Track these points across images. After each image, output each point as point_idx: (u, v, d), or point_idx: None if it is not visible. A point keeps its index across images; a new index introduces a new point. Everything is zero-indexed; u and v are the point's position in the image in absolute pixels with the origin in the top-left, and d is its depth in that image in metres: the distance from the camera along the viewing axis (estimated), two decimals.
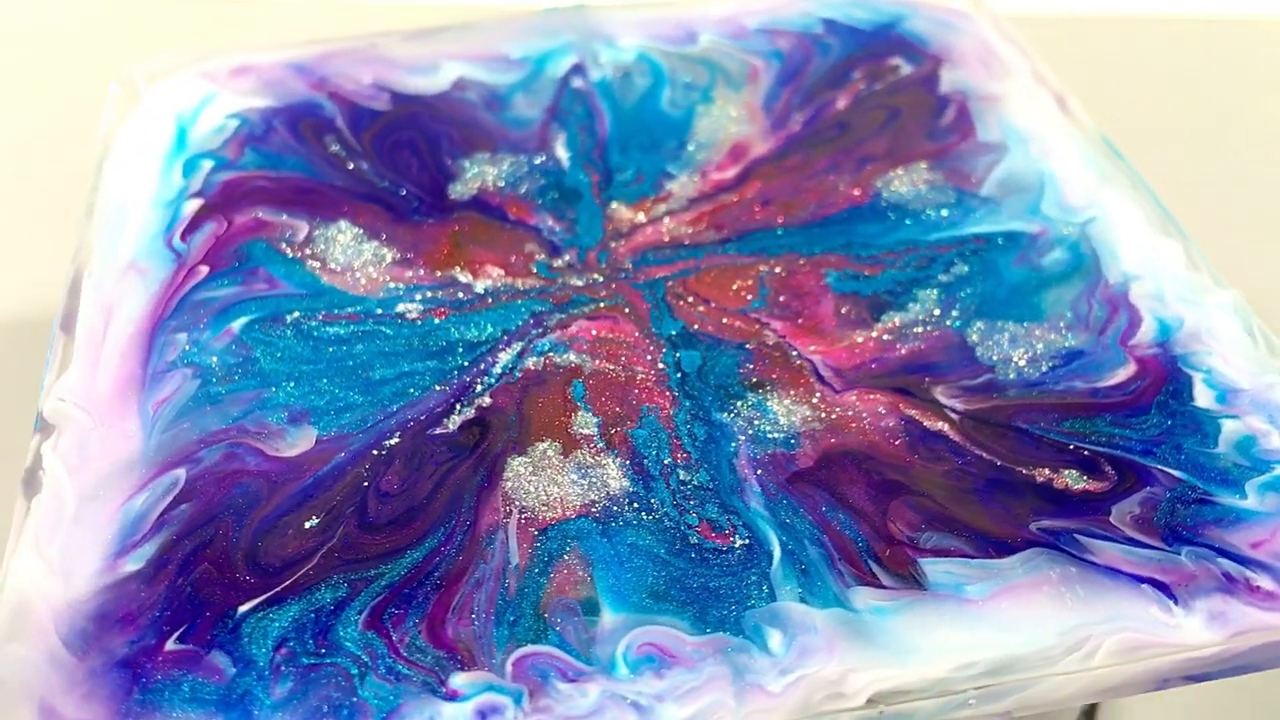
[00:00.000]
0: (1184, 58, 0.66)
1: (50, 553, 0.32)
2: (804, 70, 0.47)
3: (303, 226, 0.41)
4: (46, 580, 0.31)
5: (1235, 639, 0.29)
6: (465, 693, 0.28)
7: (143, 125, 0.45)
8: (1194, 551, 0.31)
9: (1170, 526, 0.31)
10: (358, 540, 0.32)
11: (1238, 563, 0.30)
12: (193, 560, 0.31)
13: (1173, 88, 0.64)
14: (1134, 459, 0.33)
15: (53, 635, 0.29)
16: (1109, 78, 0.65)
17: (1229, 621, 0.29)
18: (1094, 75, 0.64)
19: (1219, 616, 0.29)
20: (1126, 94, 0.63)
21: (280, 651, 0.29)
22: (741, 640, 0.29)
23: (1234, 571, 0.30)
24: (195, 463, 0.33)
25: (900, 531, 0.31)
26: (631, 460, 0.33)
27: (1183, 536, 0.31)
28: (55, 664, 0.29)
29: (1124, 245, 0.39)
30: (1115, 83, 0.64)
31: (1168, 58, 0.67)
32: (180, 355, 0.36)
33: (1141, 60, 0.66)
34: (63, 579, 0.31)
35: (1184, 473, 0.32)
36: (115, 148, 0.44)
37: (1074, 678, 0.28)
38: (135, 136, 0.44)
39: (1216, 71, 0.65)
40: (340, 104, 0.46)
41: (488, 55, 0.48)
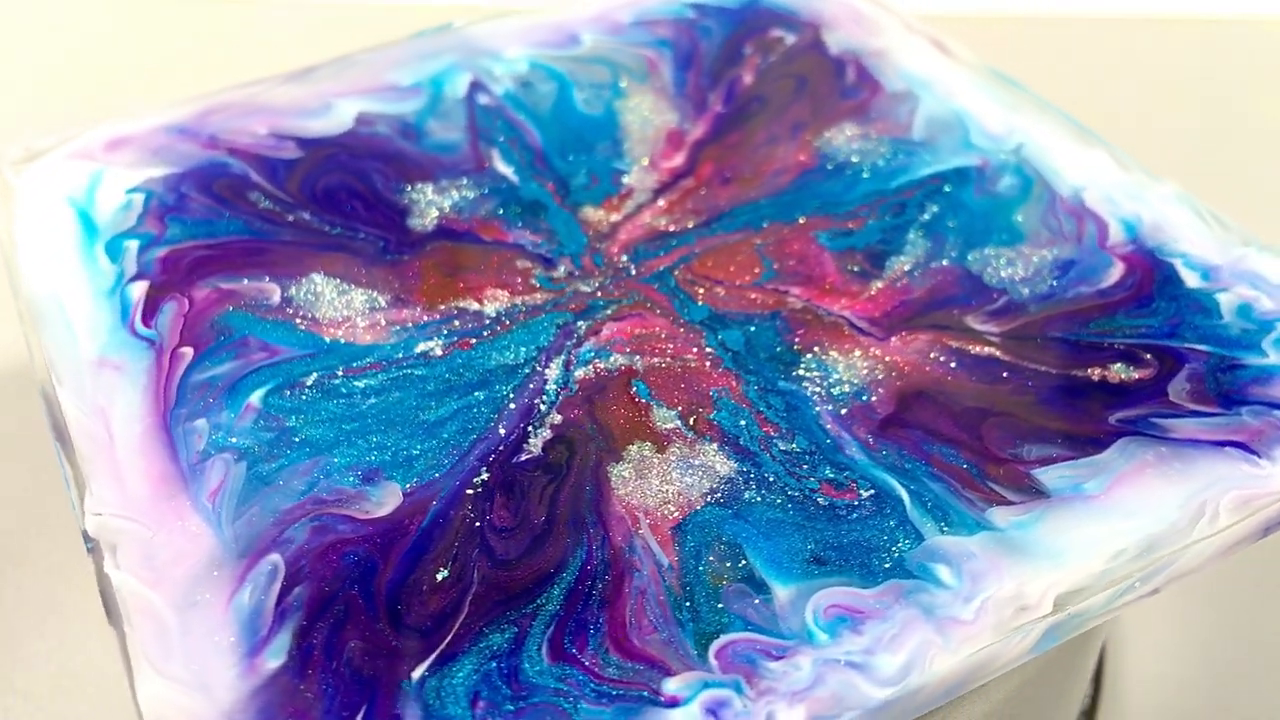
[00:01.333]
0: (1185, 58, 0.67)
1: (175, 671, 0.29)
2: (697, 54, 0.48)
3: (272, 288, 0.39)
4: (186, 699, 0.29)
5: None
6: (685, 695, 0.28)
7: (33, 216, 0.41)
8: (1250, 410, 0.34)
9: (1221, 394, 0.34)
10: (499, 579, 0.31)
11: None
12: (337, 640, 0.30)
13: (1173, 88, 0.65)
14: (1162, 343, 0.36)
15: None
16: (1108, 78, 0.66)
17: None
18: (1093, 76, 0.65)
19: None
20: (1126, 94, 0.64)
21: (479, 706, 0.28)
22: (914, 582, 0.30)
23: None
24: (285, 544, 0.32)
25: (1001, 451, 0.33)
26: (726, 442, 0.34)
27: (1234, 400, 0.34)
28: None
29: (1058, 161, 0.42)
30: (1114, 83, 0.65)
31: (1168, 58, 0.67)
32: (210, 442, 0.34)
33: (1140, 60, 0.67)
34: (203, 694, 0.29)
35: (1209, 346, 0.36)
36: (17, 243, 0.40)
37: (1209, 542, 0.31)
38: (31, 229, 0.40)
39: (1217, 71, 0.66)
40: (246, 159, 0.44)
41: (376, 87, 0.47)
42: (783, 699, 0.28)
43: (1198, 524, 0.31)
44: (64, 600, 0.49)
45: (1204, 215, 0.40)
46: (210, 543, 0.32)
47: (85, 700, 0.46)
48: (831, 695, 0.28)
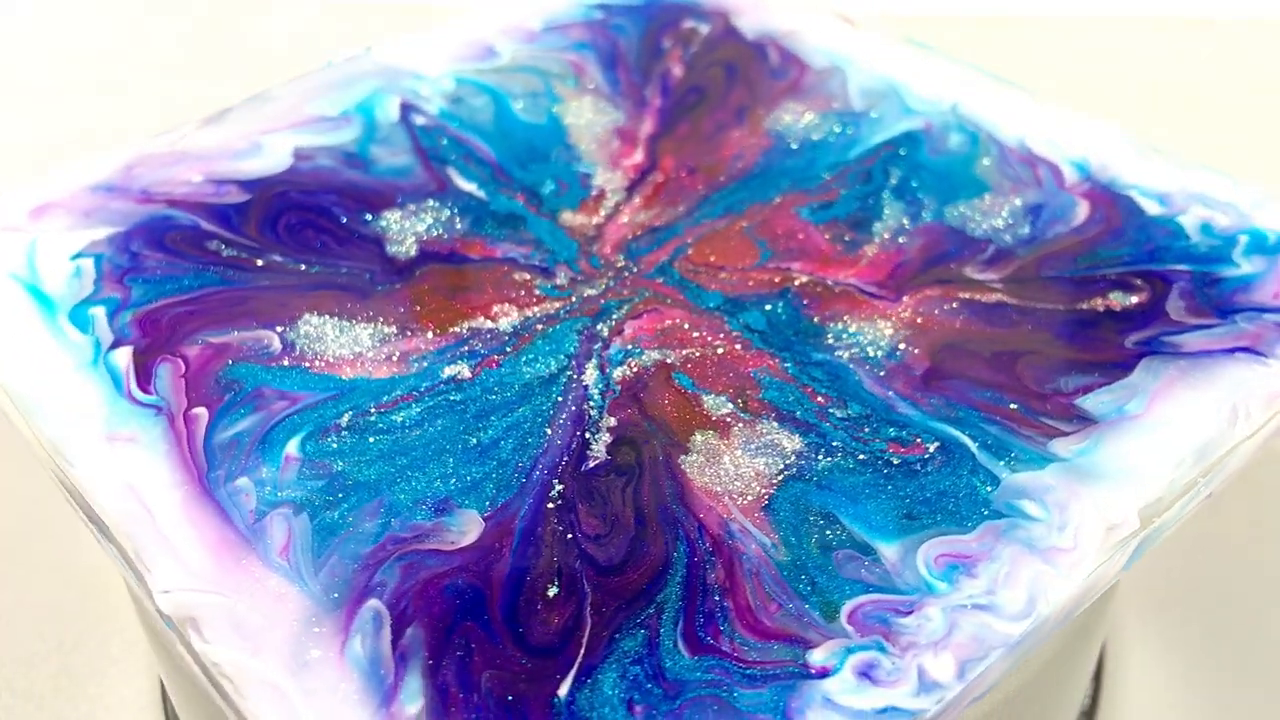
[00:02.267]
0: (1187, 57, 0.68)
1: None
2: (618, 53, 0.49)
3: (268, 336, 0.37)
4: None
5: None
6: (834, 664, 0.29)
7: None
8: (1244, 317, 0.37)
9: (1213, 306, 0.37)
10: (611, 585, 0.31)
11: (1274, 311, 0.37)
12: (468, 674, 0.29)
13: (1174, 88, 0.65)
14: (1146, 268, 0.39)
15: None
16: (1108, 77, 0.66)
17: None
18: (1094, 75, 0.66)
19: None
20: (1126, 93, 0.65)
21: (637, 711, 0.28)
22: (1007, 520, 0.32)
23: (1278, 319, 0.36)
24: (379, 588, 0.31)
25: (1040, 387, 0.35)
26: (784, 419, 0.34)
27: (1226, 310, 0.37)
28: None
29: (992, 112, 0.45)
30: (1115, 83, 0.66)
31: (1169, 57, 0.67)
32: (261, 499, 0.33)
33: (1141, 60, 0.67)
34: None
35: (1187, 265, 0.39)
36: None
37: (1252, 440, 0.34)
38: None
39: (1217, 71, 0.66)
40: (190, 209, 0.42)
41: (302, 121, 0.46)
42: (927, 650, 0.29)
43: (1236, 425, 0.33)
44: (64, 600, 0.48)
45: (1141, 148, 0.42)
46: (299, 600, 0.30)
47: (85, 700, 0.46)
48: (971, 639, 0.29)
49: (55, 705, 0.47)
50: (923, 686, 0.28)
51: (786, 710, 0.28)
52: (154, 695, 0.50)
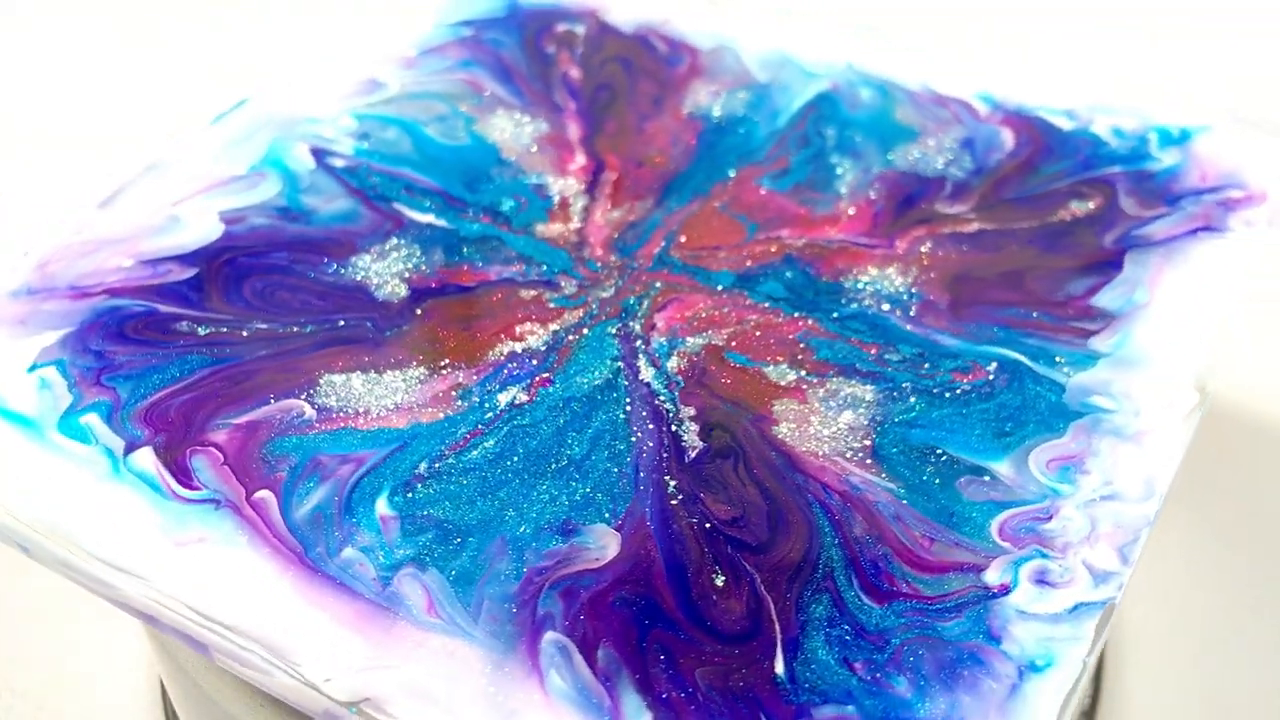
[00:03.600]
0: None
1: None
2: (508, 64, 0.49)
3: (295, 405, 0.36)
4: None
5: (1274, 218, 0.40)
6: (1009, 579, 0.31)
7: None
8: (1187, 201, 0.41)
9: (1159, 197, 0.41)
10: (769, 561, 0.31)
11: (1213, 191, 0.41)
12: (681, 677, 0.29)
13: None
14: (1087, 176, 0.42)
15: None
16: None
17: (1258, 219, 0.40)
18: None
19: (1252, 222, 0.40)
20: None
21: (857, 667, 0.29)
22: (1089, 417, 0.34)
23: (1217, 198, 0.41)
24: (549, 621, 0.30)
25: (1053, 296, 0.38)
26: (848, 372, 0.36)
27: (1170, 198, 0.41)
28: None
29: (883, 65, 0.48)
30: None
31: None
32: (379, 566, 0.32)
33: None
34: None
35: (1119, 166, 0.43)
36: None
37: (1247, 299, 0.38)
38: None
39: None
40: (137, 295, 0.39)
41: (215, 184, 0.44)
42: (1083, 546, 0.31)
43: (1235, 285, 0.37)
44: (64, 600, 0.48)
45: (1028, 72, 0.46)
46: (472, 651, 0.29)
47: (85, 700, 0.46)
48: (1116, 527, 0.31)
49: (55, 705, 0.46)
50: (1096, 578, 0.30)
51: (990, 632, 0.29)
52: (154, 695, 0.49)
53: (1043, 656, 0.28)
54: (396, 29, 0.51)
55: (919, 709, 0.28)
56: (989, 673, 0.28)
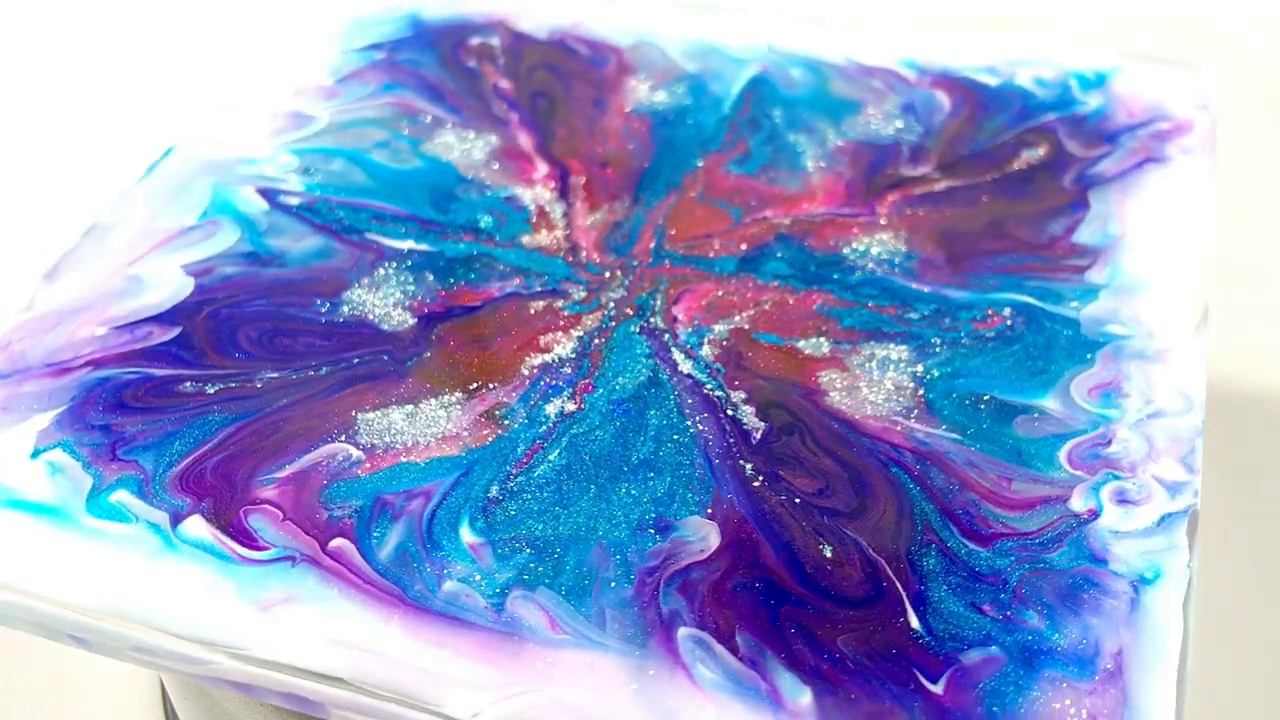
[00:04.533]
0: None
1: None
2: (433, 82, 0.48)
3: (339, 449, 0.35)
4: None
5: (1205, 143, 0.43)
6: (1094, 504, 0.33)
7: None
8: (1125, 138, 0.44)
9: (1096, 137, 0.44)
10: (868, 524, 0.32)
11: (1143, 125, 0.44)
12: (825, 648, 0.30)
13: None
14: (1030, 125, 0.45)
15: None
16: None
17: (1193, 145, 0.43)
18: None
19: (1188, 149, 0.43)
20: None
21: (987, 609, 0.30)
22: (1109, 345, 0.37)
23: (1149, 131, 0.44)
24: (677, 617, 0.31)
25: (1037, 239, 0.40)
26: (876, 336, 0.37)
27: (1107, 137, 0.44)
28: None
29: (803, 43, 0.50)
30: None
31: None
32: (485, 593, 0.31)
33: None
34: None
35: (1053, 114, 0.46)
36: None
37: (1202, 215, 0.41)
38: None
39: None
40: (123, 362, 0.37)
41: (167, 238, 0.42)
42: (1148, 462, 0.33)
43: (1193, 207, 0.40)
44: None
45: (943, 35, 0.49)
46: (612, 660, 0.29)
47: (85, 700, 0.45)
48: (1171, 441, 0.33)
49: (55, 705, 0.46)
50: (1170, 490, 0.32)
51: (1094, 555, 0.31)
52: (154, 695, 0.48)
53: (1149, 569, 0.30)
54: (301, 59, 0.49)
55: (1055, 638, 0.29)
56: (1106, 592, 0.30)
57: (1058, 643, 0.29)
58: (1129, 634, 0.29)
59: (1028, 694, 0.28)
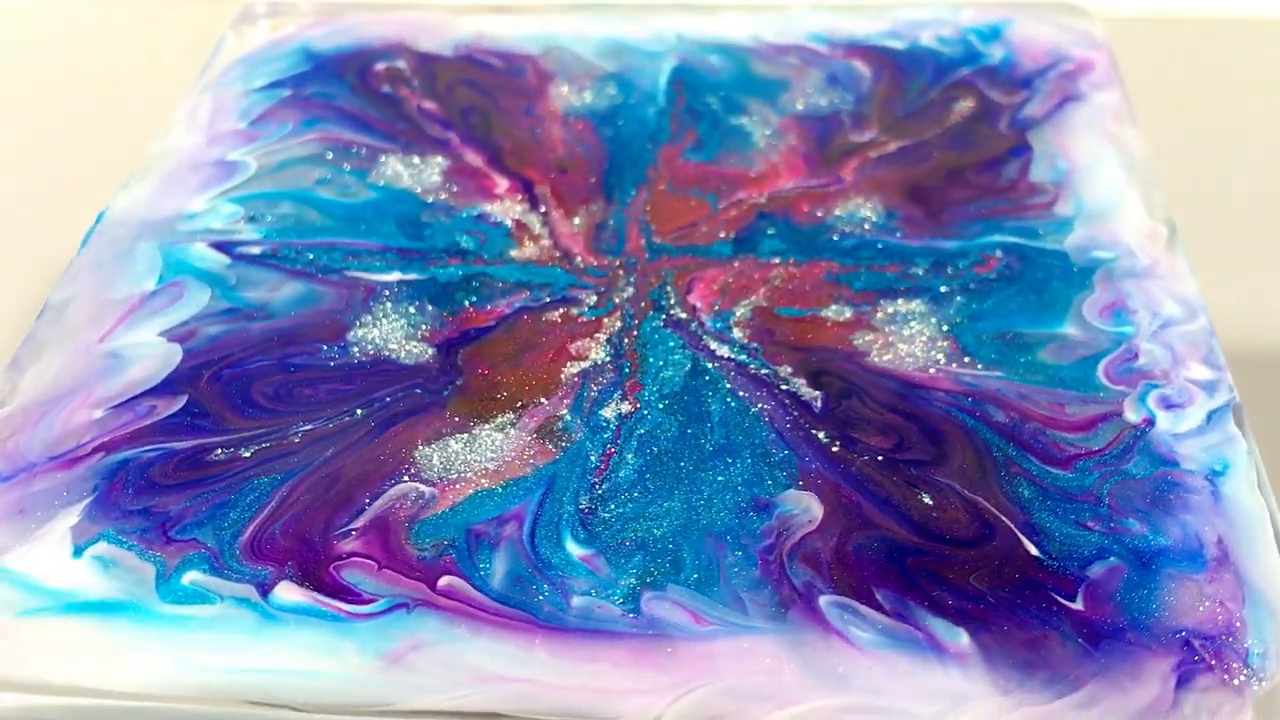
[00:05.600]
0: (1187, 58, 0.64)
1: None
2: (353, 114, 0.47)
3: (409, 489, 0.34)
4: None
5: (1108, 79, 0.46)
6: (1146, 413, 0.35)
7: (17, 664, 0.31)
8: (1038, 81, 0.47)
9: (1013, 84, 0.47)
10: (952, 468, 0.34)
11: (1051, 67, 0.48)
12: (963, 589, 0.31)
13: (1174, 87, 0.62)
14: (949, 81, 0.48)
15: None
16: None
17: (1101, 80, 0.47)
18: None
19: (1098, 84, 0.47)
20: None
21: (1092, 525, 0.32)
22: (1102, 269, 0.39)
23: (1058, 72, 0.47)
24: (812, 588, 0.31)
25: (999, 181, 0.43)
26: (889, 294, 0.39)
27: (1022, 83, 0.47)
28: None
29: (706, 29, 0.51)
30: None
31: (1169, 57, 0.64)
32: (616, 600, 0.31)
33: (1143, 60, 0.60)
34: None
35: (965, 68, 0.48)
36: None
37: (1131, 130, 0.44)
38: (52, 672, 0.30)
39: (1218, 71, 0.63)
40: (143, 440, 0.35)
41: (132, 306, 0.40)
42: (1178, 367, 0.36)
43: (1120, 134, 0.43)
44: None
45: (833, 8, 0.51)
46: (764, 641, 0.30)
47: None
48: (1189, 344, 0.36)
49: None
50: (1205, 388, 0.35)
51: (1165, 458, 0.33)
52: None
53: (1217, 462, 0.33)
54: (204, 106, 0.47)
55: (1163, 539, 0.31)
56: (1188, 490, 0.32)
57: (1164, 543, 0.31)
58: (1222, 523, 0.31)
59: (1157, 594, 0.30)
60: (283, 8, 0.52)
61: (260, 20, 0.51)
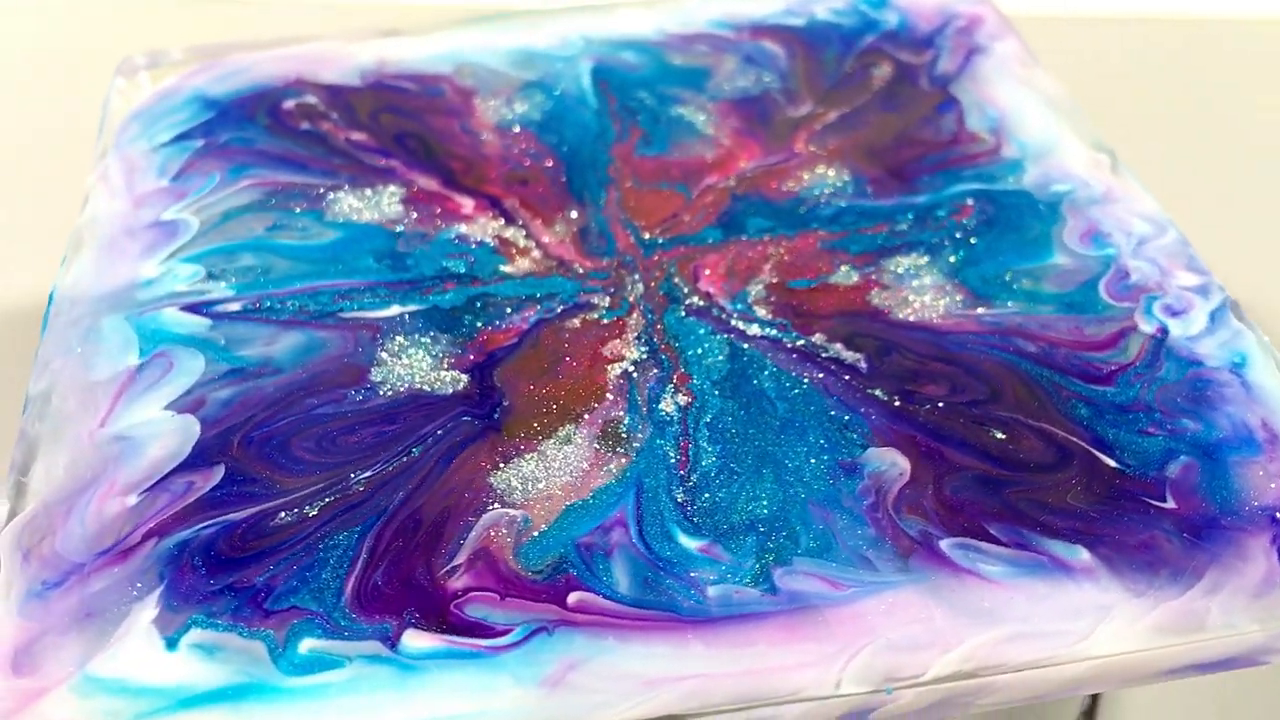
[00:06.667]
0: (1185, 58, 0.63)
1: None
2: (279, 155, 0.46)
3: (500, 515, 0.34)
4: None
5: (999, 31, 0.50)
6: (1157, 323, 0.38)
7: None
8: (939, 40, 0.50)
9: (918, 44, 0.50)
10: (1011, 401, 0.36)
11: (945, 25, 0.51)
12: (1068, 513, 0.33)
13: (1173, 88, 0.61)
14: (858, 49, 0.50)
15: None
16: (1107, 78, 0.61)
17: (995, 32, 0.50)
18: (1092, 75, 0.60)
19: (994, 35, 0.49)
20: (1126, 94, 0.60)
21: (1153, 430, 0.35)
22: (1065, 200, 0.42)
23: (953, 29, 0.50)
24: (927, 538, 0.33)
25: (945, 136, 0.45)
26: (886, 253, 0.40)
27: (925, 43, 0.50)
28: None
29: (609, 28, 0.52)
30: (1115, 83, 0.60)
31: (1168, 58, 0.62)
32: (744, 587, 0.32)
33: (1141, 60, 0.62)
34: None
35: (870, 35, 0.51)
36: None
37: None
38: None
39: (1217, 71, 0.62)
40: (193, 518, 0.34)
41: (122, 386, 0.38)
42: (1167, 277, 0.39)
43: (1032, 77, 0.47)
44: None
45: None
46: (903, 593, 0.31)
47: None
48: (1169, 256, 0.39)
49: None
50: (1198, 292, 0.38)
51: (1188, 359, 0.36)
52: None
53: (1235, 354, 0.36)
54: (117, 168, 0.45)
55: (1217, 431, 0.34)
56: (1220, 383, 0.35)
57: (1219, 434, 0.33)
58: (1259, 408, 0.34)
59: (1230, 481, 0.32)
60: (160, 57, 0.49)
61: (141, 72, 0.48)
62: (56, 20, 0.70)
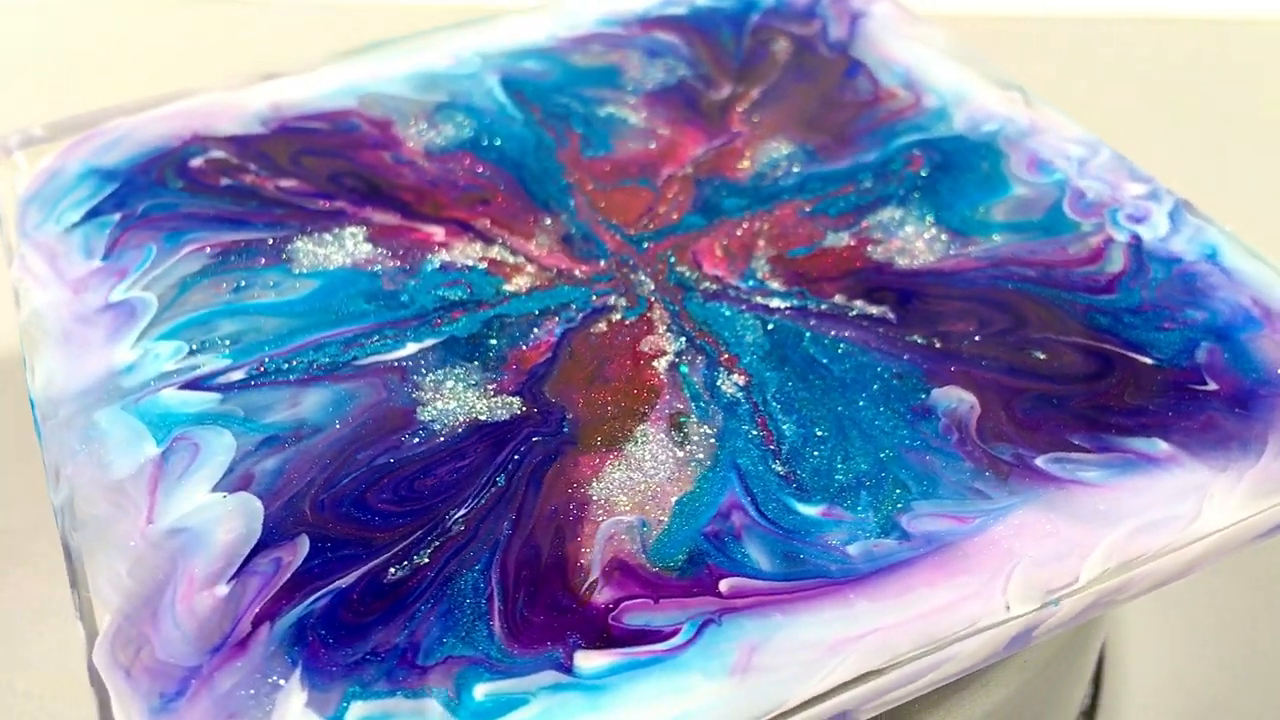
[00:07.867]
0: (1183, 58, 0.61)
1: None
2: (214, 215, 0.44)
3: (610, 529, 0.34)
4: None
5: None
6: (1131, 232, 0.41)
7: None
8: (823, 6, 0.53)
9: (806, 12, 0.52)
10: (1041, 321, 0.39)
11: (841, 2, 0.53)
12: (1132, 426, 0.36)
13: (1171, 88, 0.60)
14: (755, 22, 0.52)
15: None
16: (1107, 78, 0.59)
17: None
18: (1092, 75, 0.59)
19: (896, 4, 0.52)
20: (1126, 94, 0.59)
21: (1203, 355, 0.38)
22: (1000, 136, 0.46)
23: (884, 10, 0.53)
24: (1026, 461, 0.35)
25: (870, 95, 0.48)
26: (862, 211, 0.42)
27: (814, 6, 0.53)
28: None
29: (495, 40, 0.52)
30: (1114, 83, 0.59)
31: (1165, 58, 0.61)
32: (867, 545, 0.34)
33: (1138, 61, 0.61)
34: None
35: (755, 14, 0.53)
36: None
37: None
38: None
39: (1217, 71, 0.61)
40: (303, 590, 0.33)
41: (151, 480, 0.36)
42: (1119, 191, 0.42)
43: (932, 25, 0.50)
44: (64, 600, 0.47)
45: None
46: (1029, 511, 0.33)
47: (85, 700, 0.42)
48: (1110, 170, 0.43)
49: (55, 707, 0.46)
50: (1150, 197, 0.42)
51: (1169, 258, 0.39)
52: None
53: (1205, 247, 0.39)
54: (29, 259, 0.42)
55: (1220, 315, 0.37)
56: (1205, 274, 0.38)
57: (1224, 318, 0.37)
58: (1245, 288, 0.38)
59: (1249, 353, 0.36)
60: (32, 138, 0.46)
61: (15, 152, 0.45)
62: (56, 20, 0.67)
